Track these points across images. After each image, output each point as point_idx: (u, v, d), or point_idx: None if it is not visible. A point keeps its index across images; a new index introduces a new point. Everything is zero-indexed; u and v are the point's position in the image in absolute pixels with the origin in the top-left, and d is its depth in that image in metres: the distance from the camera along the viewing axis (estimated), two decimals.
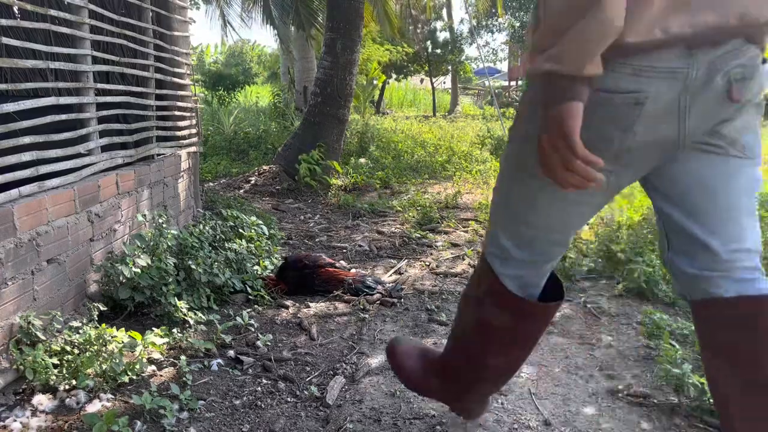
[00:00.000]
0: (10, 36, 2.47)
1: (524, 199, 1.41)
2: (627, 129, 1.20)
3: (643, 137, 1.21)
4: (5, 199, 2.18)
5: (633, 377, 2.31)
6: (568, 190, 1.17)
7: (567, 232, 1.46)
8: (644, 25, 1.13)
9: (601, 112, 1.19)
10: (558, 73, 1.11)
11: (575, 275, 3.46)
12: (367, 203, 5.50)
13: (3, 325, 2.05)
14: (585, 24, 1.07)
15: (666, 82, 1.17)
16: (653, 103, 1.18)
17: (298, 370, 2.35)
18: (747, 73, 1.20)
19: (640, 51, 1.15)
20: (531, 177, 1.33)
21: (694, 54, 1.17)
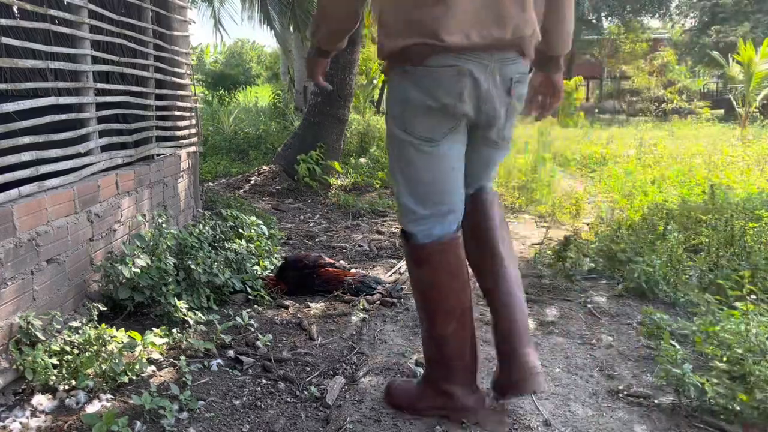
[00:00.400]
0: (10, 36, 2.46)
1: (410, 165, 1.84)
2: (457, 95, 1.73)
3: (468, 102, 1.75)
4: (5, 199, 2.18)
5: (633, 377, 2.31)
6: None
7: (448, 181, 1.85)
8: (455, 32, 1.66)
9: (429, 80, 1.72)
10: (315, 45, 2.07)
11: (575, 275, 3.46)
12: (367, 203, 5.50)
13: (3, 325, 2.05)
14: (326, 25, 1.98)
15: (477, 65, 1.71)
16: (471, 78, 1.71)
17: (298, 370, 2.35)
18: (521, 78, 1.83)
19: (456, 45, 1.67)
20: (408, 147, 1.82)
21: (492, 54, 1.72)
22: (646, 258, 3.32)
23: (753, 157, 7.50)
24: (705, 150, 8.39)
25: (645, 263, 3.26)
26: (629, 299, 3.16)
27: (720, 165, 6.76)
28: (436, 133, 1.79)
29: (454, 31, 1.67)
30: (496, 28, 1.70)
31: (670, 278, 3.21)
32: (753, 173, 6.05)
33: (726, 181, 5.13)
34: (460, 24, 1.67)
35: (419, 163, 1.82)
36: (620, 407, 2.08)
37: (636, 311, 2.99)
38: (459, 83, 1.71)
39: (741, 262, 3.19)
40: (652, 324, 2.56)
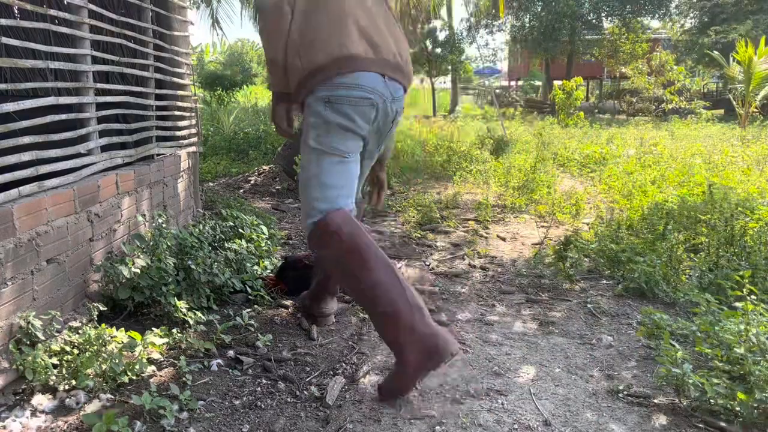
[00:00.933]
0: (10, 36, 2.46)
1: (323, 170, 2.26)
2: (369, 119, 2.28)
3: (377, 125, 2.34)
4: (5, 199, 2.17)
5: (633, 377, 2.31)
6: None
7: (351, 185, 2.30)
8: (360, 66, 2.22)
9: (348, 107, 2.22)
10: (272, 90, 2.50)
11: (575, 275, 3.46)
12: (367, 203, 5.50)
13: (3, 325, 2.05)
14: (274, 72, 2.36)
15: (377, 95, 2.25)
16: (377, 107, 2.27)
17: (298, 370, 2.35)
18: (401, 108, 2.41)
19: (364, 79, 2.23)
20: (323, 155, 2.26)
21: (387, 83, 2.28)
22: (646, 258, 3.32)
23: (753, 158, 7.50)
24: (705, 150, 8.39)
25: (645, 263, 3.26)
26: (629, 299, 3.16)
27: (720, 165, 6.76)
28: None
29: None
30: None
31: (670, 278, 3.21)
32: (753, 173, 6.05)
33: (726, 181, 5.12)
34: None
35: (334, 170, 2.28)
36: (620, 407, 2.08)
37: (636, 311, 2.99)
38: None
39: (741, 262, 3.19)
40: (652, 324, 2.56)
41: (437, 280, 3.47)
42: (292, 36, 2.26)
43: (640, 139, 10.27)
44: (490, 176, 6.76)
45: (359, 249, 2.15)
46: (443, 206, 5.45)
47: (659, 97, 20.95)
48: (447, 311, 2.98)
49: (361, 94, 2.22)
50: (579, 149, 8.93)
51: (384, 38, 2.30)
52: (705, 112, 17.86)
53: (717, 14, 23.03)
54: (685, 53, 24.81)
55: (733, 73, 13.42)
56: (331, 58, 2.20)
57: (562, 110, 15.36)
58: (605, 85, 29.94)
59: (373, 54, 2.26)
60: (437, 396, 2.15)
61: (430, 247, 4.21)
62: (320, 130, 2.25)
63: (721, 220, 3.63)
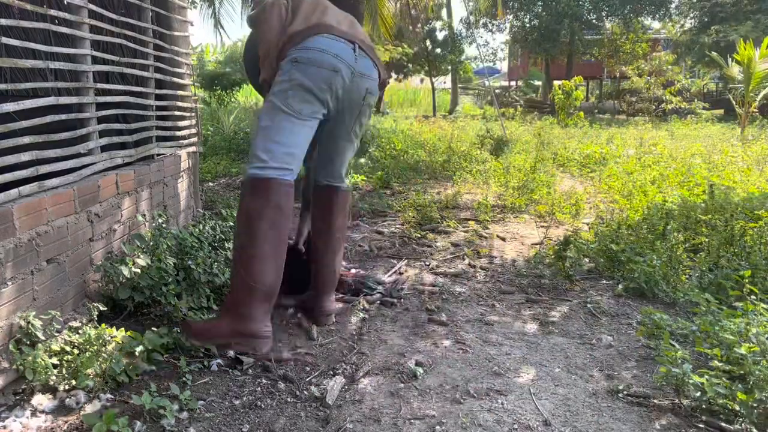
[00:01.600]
0: (10, 36, 2.46)
1: (273, 125, 2.38)
2: (331, 86, 2.42)
3: (346, 96, 2.50)
4: (5, 199, 2.17)
5: (633, 377, 2.31)
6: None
7: (299, 144, 2.42)
8: (332, 31, 2.46)
9: (312, 68, 2.38)
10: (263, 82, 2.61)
11: (575, 275, 3.46)
12: (367, 203, 5.50)
13: (3, 325, 2.05)
14: (267, 64, 2.55)
15: (344, 65, 2.42)
16: (341, 75, 2.42)
17: (298, 370, 2.35)
18: (373, 87, 2.58)
19: (332, 45, 2.43)
20: (278, 111, 2.39)
21: (357, 57, 2.47)
22: (646, 258, 3.32)
23: (753, 158, 7.50)
24: (704, 150, 8.39)
25: (645, 263, 3.26)
26: (629, 299, 3.17)
27: (720, 165, 6.76)
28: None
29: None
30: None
31: (670, 278, 3.21)
32: (752, 173, 6.05)
33: (726, 181, 5.12)
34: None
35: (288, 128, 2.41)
36: (620, 407, 2.08)
37: (636, 311, 2.99)
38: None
39: (741, 262, 3.20)
40: (652, 324, 2.56)
41: (437, 280, 3.47)
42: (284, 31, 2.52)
43: (640, 139, 10.27)
44: (489, 176, 6.75)
45: (268, 222, 2.30)
46: (443, 206, 5.45)
47: (659, 97, 20.94)
48: (447, 311, 2.98)
49: (326, 59, 2.39)
50: (579, 149, 8.93)
51: (357, 28, 2.59)
52: (705, 112, 17.86)
53: (716, 14, 23.03)
54: (685, 53, 24.81)
55: (732, 73, 13.42)
56: (307, 24, 2.46)
57: (562, 110, 15.36)
58: (605, 85, 29.94)
59: (346, 28, 2.52)
60: (437, 396, 2.15)
61: (430, 247, 4.21)
62: (283, 87, 2.40)
63: (721, 220, 3.63)
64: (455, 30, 25.72)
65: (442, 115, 22.54)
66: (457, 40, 25.44)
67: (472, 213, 5.26)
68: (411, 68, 25.46)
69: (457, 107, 27.59)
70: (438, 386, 2.21)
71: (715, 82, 25.48)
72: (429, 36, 24.97)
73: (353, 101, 2.54)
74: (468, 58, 28.99)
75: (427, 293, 3.23)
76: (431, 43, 25.18)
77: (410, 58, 22.90)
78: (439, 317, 2.87)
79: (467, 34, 26.23)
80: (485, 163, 7.67)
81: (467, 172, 7.12)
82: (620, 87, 26.05)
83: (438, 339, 2.64)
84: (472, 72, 32.52)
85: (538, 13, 25.36)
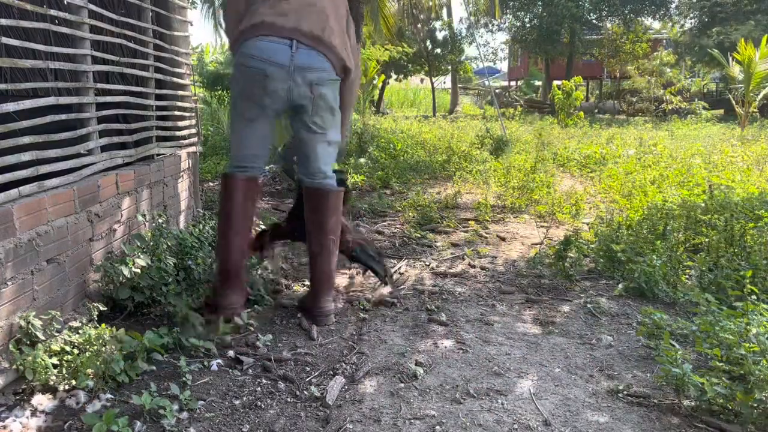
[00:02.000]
0: (10, 36, 2.46)
1: (234, 130, 2.68)
2: (265, 89, 2.53)
3: (286, 95, 2.56)
4: (5, 199, 2.17)
5: (633, 377, 2.31)
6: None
7: (255, 145, 2.68)
8: (264, 31, 2.53)
9: (247, 74, 2.54)
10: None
11: (575, 275, 3.46)
12: (367, 203, 5.50)
13: (3, 325, 2.05)
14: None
15: (275, 67, 2.49)
16: (273, 77, 2.50)
17: (298, 370, 2.35)
18: (318, 78, 2.56)
19: (260, 48, 2.52)
20: (234, 116, 2.67)
21: (295, 52, 2.50)
22: (646, 258, 3.32)
23: (753, 158, 7.50)
24: (704, 150, 8.39)
25: (645, 263, 3.26)
26: (629, 299, 3.17)
27: (720, 165, 6.76)
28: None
29: None
30: None
31: (670, 278, 3.21)
32: (752, 173, 6.06)
33: (725, 181, 5.12)
34: None
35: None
36: (620, 407, 2.08)
37: (636, 311, 2.99)
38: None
39: (741, 262, 3.19)
40: (652, 324, 2.56)
41: (437, 280, 3.47)
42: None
43: (640, 139, 10.27)
44: (489, 176, 6.75)
45: (232, 214, 2.70)
46: (443, 206, 5.44)
47: (659, 97, 20.94)
48: (447, 311, 2.98)
49: (255, 64, 2.50)
50: (579, 149, 8.93)
51: (305, 19, 2.54)
52: (705, 113, 17.86)
53: (716, 14, 23.03)
54: (686, 53, 24.82)
55: (733, 73, 13.42)
56: (250, 23, 2.53)
57: (562, 110, 15.36)
58: (605, 85, 29.93)
59: (284, 22, 2.52)
60: (437, 396, 2.15)
61: (430, 247, 4.21)
62: (234, 93, 2.64)
63: (721, 220, 3.63)
64: (455, 30, 25.71)
65: (442, 115, 22.53)
66: (457, 40, 25.42)
67: (472, 213, 5.26)
68: (411, 68, 25.43)
69: (457, 107, 27.59)
70: (438, 386, 2.21)
71: (715, 82, 25.49)
72: (429, 36, 24.95)
73: (301, 96, 2.56)
74: (468, 58, 28.96)
75: (427, 293, 3.23)
76: (431, 43, 25.17)
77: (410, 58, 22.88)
78: (439, 317, 2.87)
79: (467, 34, 26.22)
80: (485, 163, 7.67)
81: (467, 172, 7.11)
82: (620, 87, 26.06)
83: (438, 339, 2.64)
84: (472, 72, 32.50)
85: (538, 13, 25.35)
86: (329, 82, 2.62)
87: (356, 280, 3.48)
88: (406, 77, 27.74)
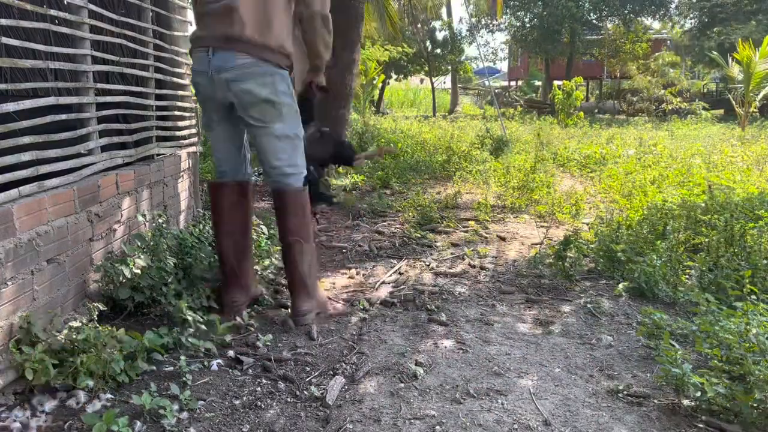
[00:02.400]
0: (10, 36, 2.46)
1: (211, 141, 2.97)
2: (207, 96, 2.75)
3: (222, 98, 2.69)
4: (5, 199, 2.17)
5: (633, 377, 2.31)
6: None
7: (221, 149, 2.88)
8: (195, 46, 2.72)
9: (194, 89, 2.79)
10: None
11: (575, 275, 3.46)
12: (367, 203, 5.50)
13: (3, 325, 2.05)
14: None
15: (201, 75, 2.68)
16: (203, 84, 2.69)
17: (298, 370, 2.35)
18: (236, 75, 2.59)
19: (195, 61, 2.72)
20: (203, 125, 2.94)
21: (212, 57, 2.60)
22: (646, 258, 3.32)
23: (752, 158, 7.50)
24: (704, 150, 8.39)
25: (645, 263, 3.26)
26: (629, 299, 3.17)
27: (720, 165, 6.76)
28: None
29: None
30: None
31: (670, 278, 3.21)
32: (752, 173, 6.06)
33: (725, 181, 5.12)
34: None
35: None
36: (620, 407, 2.08)
37: (636, 311, 2.99)
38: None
39: (741, 262, 3.19)
40: (652, 324, 2.57)
41: (437, 280, 3.47)
42: None
43: (640, 139, 10.27)
44: (489, 176, 6.75)
45: (218, 218, 2.90)
46: (443, 206, 5.44)
47: (659, 97, 20.95)
48: (447, 311, 2.98)
49: (193, 78, 2.77)
50: (579, 149, 8.93)
51: (226, 19, 2.58)
52: (705, 113, 17.86)
53: (716, 14, 23.04)
54: (686, 53, 24.82)
55: (732, 73, 13.43)
56: (192, 37, 2.77)
57: (562, 110, 15.37)
58: (605, 85, 29.94)
59: (206, 31, 2.67)
60: (437, 396, 2.15)
61: (430, 247, 4.21)
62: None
63: (721, 220, 3.63)
64: (455, 30, 25.71)
65: (442, 115, 22.52)
66: (457, 40, 25.42)
67: (472, 213, 5.26)
68: (411, 68, 25.43)
69: (457, 107, 27.58)
70: (438, 386, 2.21)
71: (715, 82, 25.50)
72: (429, 36, 24.95)
73: (225, 96, 2.66)
74: (468, 58, 28.98)
75: (427, 293, 3.23)
76: (431, 43, 25.17)
77: (410, 58, 22.88)
78: (439, 317, 2.88)
79: (467, 34, 26.23)
80: (485, 163, 7.67)
81: (467, 172, 7.11)
82: (620, 87, 26.05)
83: (438, 339, 2.64)
84: (472, 72, 32.50)
85: (538, 13, 25.36)
86: (253, 76, 2.60)
87: (356, 280, 3.49)
88: (406, 77, 27.74)
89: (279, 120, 2.69)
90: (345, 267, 3.74)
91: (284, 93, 2.68)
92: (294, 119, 2.76)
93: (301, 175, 2.80)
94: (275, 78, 2.65)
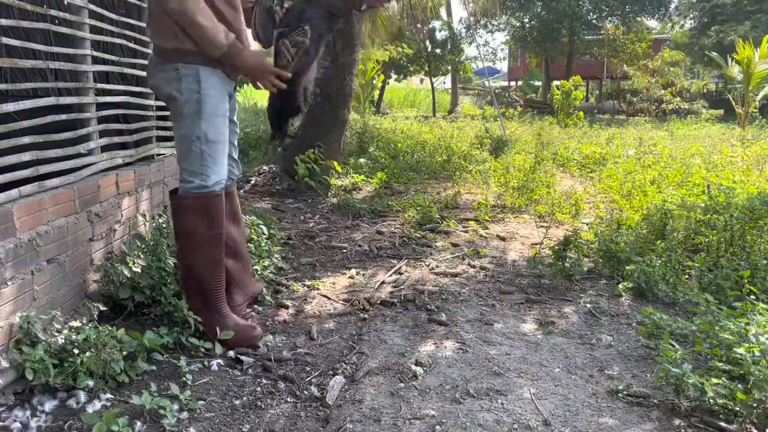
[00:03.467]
0: (10, 36, 2.46)
1: None
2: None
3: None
4: (5, 199, 2.17)
5: (633, 377, 2.31)
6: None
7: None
8: None
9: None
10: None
11: (575, 275, 3.46)
12: (367, 203, 5.50)
13: (3, 325, 2.05)
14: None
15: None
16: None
17: (298, 370, 2.35)
18: (150, 74, 2.58)
19: None
20: None
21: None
22: (646, 258, 3.32)
23: (752, 158, 7.50)
24: (704, 150, 8.39)
25: (645, 263, 3.26)
26: (629, 299, 3.17)
27: (719, 165, 6.76)
28: None
29: None
30: None
31: (670, 278, 3.22)
32: (752, 173, 6.06)
33: (725, 181, 5.12)
34: None
35: None
36: (620, 407, 2.08)
37: (636, 311, 2.99)
38: None
39: (741, 262, 3.20)
40: (652, 324, 2.57)
41: (437, 280, 3.47)
42: None
43: (640, 139, 10.27)
44: (489, 176, 6.76)
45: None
46: (443, 206, 5.45)
47: (659, 97, 20.95)
48: (447, 311, 2.98)
49: None
50: (578, 149, 8.94)
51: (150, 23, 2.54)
52: (705, 113, 17.87)
53: (716, 15, 23.04)
54: (685, 53, 24.83)
55: (732, 73, 13.43)
56: None
57: (562, 110, 15.37)
58: (605, 85, 29.95)
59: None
60: (437, 396, 2.15)
61: (430, 247, 4.21)
62: None
63: (721, 220, 3.63)
64: (455, 30, 25.72)
65: (442, 116, 22.52)
66: (456, 40, 25.43)
67: (472, 213, 5.26)
68: (411, 68, 25.44)
69: (456, 107, 27.58)
70: (438, 386, 2.21)
71: (715, 82, 25.51)
72: (429, 36, 24.96)
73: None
74: (468, 58, 28.99)
75: (427, 293, 3.23)
76: (431, 43, 25.18)
77: (410, 58, 22.90)
78: (439, 317, 2.88)
79: (467, 34, 26.24)
80: (485, 163, 7.67)
81: (467, 172, 7.12)
82: (620, 87, 26.06)
83: (438, 339, 2.64)
84: (472, 72, 32.53)
85: (537, 13, 25.36)
86: (156, 74, 2.52)
87: (356, 280, 3.49)
88: (406, 77, 27.76)
89: (177, 118, 2.49)
90: (345, 267, 3.74)
91: (189, 90, 2.42)
92: (188, 118, 2.45)
93: (191, 185, 2.46)
94: (172, 73, 2.43)
